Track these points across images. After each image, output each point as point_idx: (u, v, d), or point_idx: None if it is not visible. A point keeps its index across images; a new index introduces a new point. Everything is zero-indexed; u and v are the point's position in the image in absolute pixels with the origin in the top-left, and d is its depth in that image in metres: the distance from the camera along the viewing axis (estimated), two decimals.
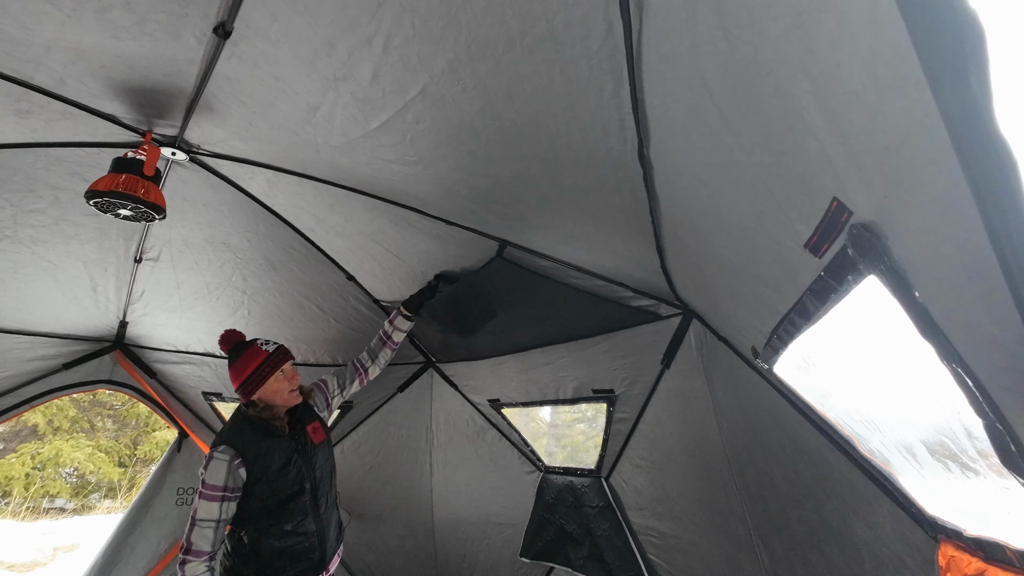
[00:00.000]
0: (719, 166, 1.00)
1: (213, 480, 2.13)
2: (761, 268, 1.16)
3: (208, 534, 2.08)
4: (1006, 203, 0.49)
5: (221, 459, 2.15)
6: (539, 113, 1.25)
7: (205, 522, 2.09)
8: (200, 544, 2.06)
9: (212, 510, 2.10)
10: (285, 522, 2.23)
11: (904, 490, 1.31)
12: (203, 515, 2.09)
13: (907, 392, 1.04)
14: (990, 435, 0.79)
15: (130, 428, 10.82)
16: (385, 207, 2.41)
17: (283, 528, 2.22)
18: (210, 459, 2.17)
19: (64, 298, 3.01)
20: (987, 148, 0.47)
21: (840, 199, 0.75)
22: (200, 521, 2.09)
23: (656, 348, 2.62)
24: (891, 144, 0.59)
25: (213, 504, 2.11)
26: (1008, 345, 0.64)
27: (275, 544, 2.21)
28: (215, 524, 2.10)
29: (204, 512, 2.09)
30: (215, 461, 2.15)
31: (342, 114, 1.65)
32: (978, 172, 0.50)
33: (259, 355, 2.34)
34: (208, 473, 2.14)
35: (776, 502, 2.14)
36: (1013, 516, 0.93)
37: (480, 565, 3.92)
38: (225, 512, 2.13)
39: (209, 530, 2.08)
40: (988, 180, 0.50)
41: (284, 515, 2.23)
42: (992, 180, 0.50)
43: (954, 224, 0.59)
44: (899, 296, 0.75)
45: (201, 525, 2.08)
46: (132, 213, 2.06)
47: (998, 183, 0.50)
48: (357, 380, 2.85)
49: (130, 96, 1.82)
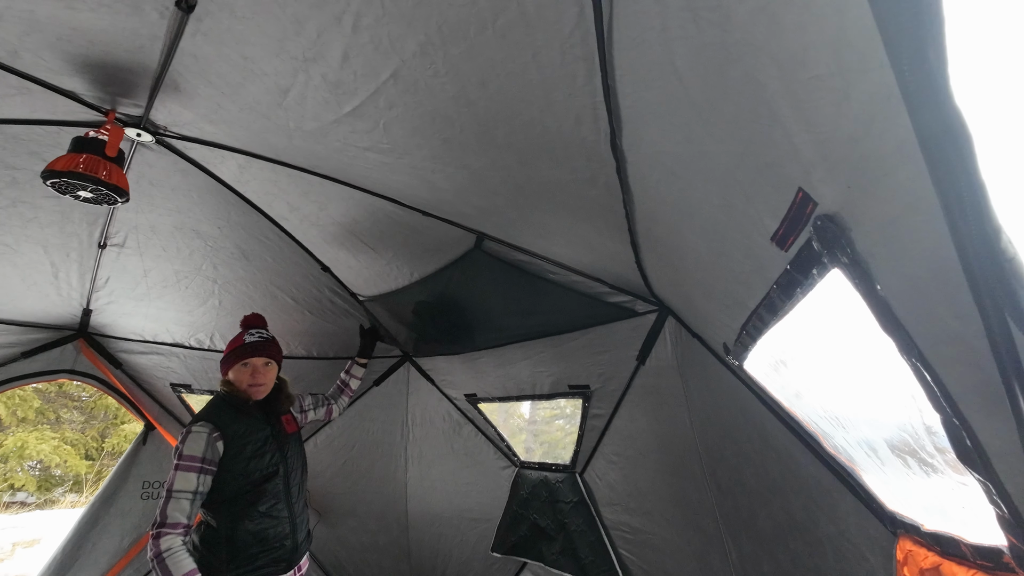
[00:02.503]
0: (690, 158, 0.99)
1: (191, 451, 2.09)
2: (732, 263, 1.16)
3: (184, 506, 2.02)
4: (963, 190, 0.48)
5: (200, 431, 2.14)
6: (513, 100, 1.22)
7: (182, 493, 2.03)
8: (176, 516, 2.00)
9: (189, 481, 2.05)
10: (260, 503, 2.21)
11: (866, 486, 1.32)
12: (180, 486, 2.04)
13: (869, 389, 1.05)
14: (947, 430, 0.80)
15: (98, 420, 10.52)
16: (360, 196, 2.36)
17: (258, 510, 2.20)
18: (188, 433, 2.15)
19: (23, 284, 2.89)
20: (945, 128, 0.46)
21: (805, 189, 0.74)
22: (176, 492, 2.03)
23: (632, 344, 2.63)
24: (856, 132, 0.58)
25: (191, 475, 2.06)
26: (966, 339, 0.63)
27: (249, 527, 2.17)
28: (191, 496, 2.05)
29: (181, 483, 2.04)
30: (193, 434, 2.14)
31: (313, 97, 1.60)
32: (937, 156, 0.49)
33: (238, 340, 2.44)
34: (186, 445, 2.11)
35: (745, 498, 2.16)
36: (969, 511, 0.94)
37: (454, 560, 3.90)
38: (202, 484, 2.09)
39: (186, 502, 2.03)
40: (947, 167, 0.49)
41: (259, 497, 2.21)
42: (951, 167, 0.49)
43: (915, 215, 0.58)
44: (861, 290, 0.75)
45: (177, 497, 2.02)
46: (93, 196, 1.98)
47: (956, 170, 0.49)
48: (324, 408, 2.93)
49: (91, 72, 1.74)
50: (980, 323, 0.61)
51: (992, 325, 0.54)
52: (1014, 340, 0.54)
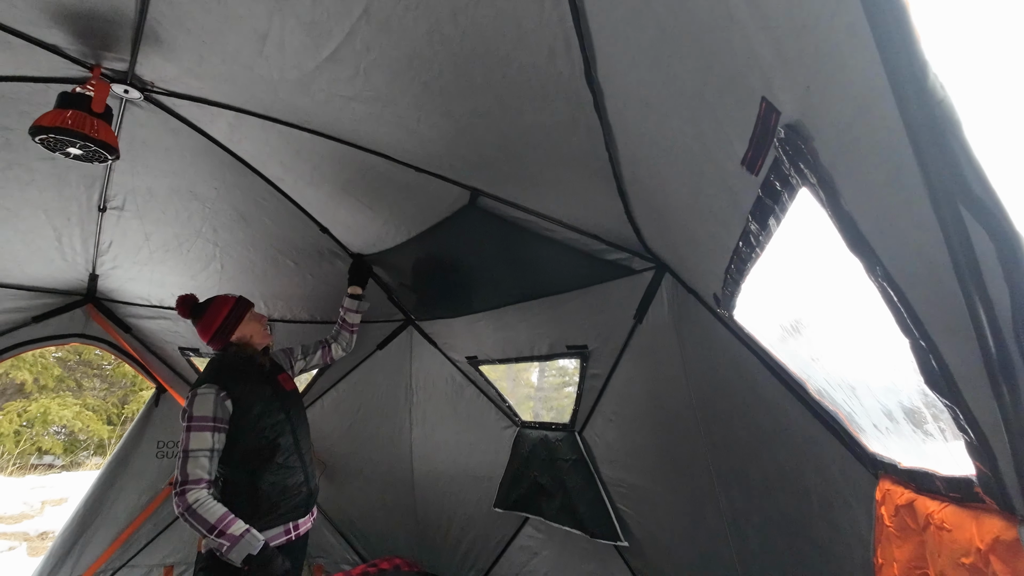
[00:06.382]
0: (661, 83, 0.95)
1: (201, 412, 2.15)
2: (709, 201, 1.12)
3: (204, 463, 2.08)
4: (915, 71, 0.45)
5: (207, 392, 2.20)
6: (486, 34, 1.18)
7: (199, 451, 2.09)
8: (197, 472, 2.05)
9: (204, 440, 2.11)
10: (277, 456, 2.30)
11: (849, 430, 1.31)
12: (196, 445, 2.09)
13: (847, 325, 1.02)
14: (915, 355, 0.77)
15: (118, 387, 10.86)
16: (352, 154, 2.34)
17: (276, 462, 2.29)
18: (194, 396, 2.20)
19: (27, 249, 2.94)
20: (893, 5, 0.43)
21: (768, 98, 0.70)
22: (193, 452, 2.08)
23: (629, 304, 2.60)
24: (808, 20, 0.54)
25: (205, 434, 2.12)
26: (925, 250, 0.61)
27: (270, 479, 2.25)
28: (209, 453, 2.10)
29: (196, 443, 2.10)
30: (201, 396, 2.19)
31: (291, 42, 1.57)
32: (886, 39, 0.46)
33: (228, 302, 2.52)
34: (195, 407, 2.16)
35: (737, 452, 2.17)
36: (942, 444, 0.92)
37: (458, 517, 4.01)
38: (217, 442, 2.14)
39: (204, 459, 2.08)
40: (896, 49, 0.46)
41: (274, 451, 2.30)
42: (901, 49, 0.46)
43: (869, 113, 0.55)
44: (828, 207, 0.72)
45: (195, 455, 2.08)
46: (82, 152, 1.98)
47: (910, 51, 0.45)
48: (320, 352, 2.95)
49: (70, 24, 1.72)
50: (939, 232, 0.58)
51: (945, 217, 0.51)
52: (969, 234, 0.51)
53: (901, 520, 1.07)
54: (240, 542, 2.01)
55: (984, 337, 0.64)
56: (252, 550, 2.02)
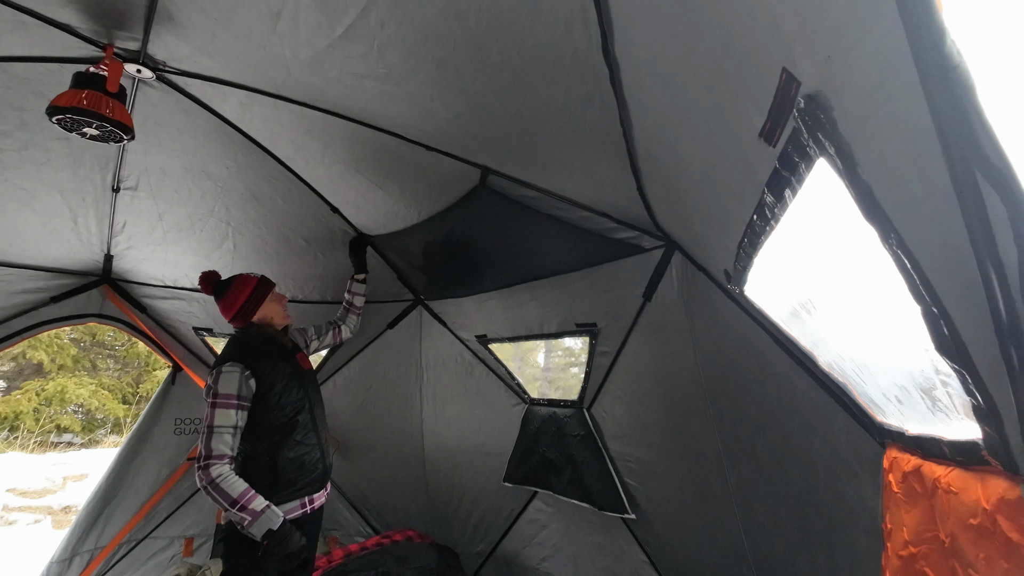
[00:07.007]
0: (679, 56, 0.95)
1: (226, 389, 2.20)
2: (724, 174, 1.13)
3: (227, 439, 2.14)
4: (935, 38, 0.46)
5: (232, 370, 2.25)
6: (502, 6, 1.18)
7: (224, 428, 2.15)
8: (220, 448, 2.12)
9: (229, 416, 2.17)
10: (295, 433, 2.37)
11: (857, 400, 1.34)
12: (220, 422, 2.15)
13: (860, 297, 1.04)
14: (927, 321, 0.80)
15: (131, 368, 11.07)
16: (363, 133, 2.34)
17: (294, 439, 2.36)
18: (219, 373, 2.25)
19: (44, 230, 2.98)
20: None
21: (788, 69, 0.71)
22: (218, 428, 2.14)
23: (638, 282, 2.62)
24: None
25: (230, 411, 2.18)
26: (940, 217, 0.62)
27: (288, 455, 2.33)
28: (233, 430, 2.17)
29: (221, 419, 2.16)
30: (226, 373, 2.24)
31: (305, 19, 1.57)
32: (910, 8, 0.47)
33: (250, 281, 2.57)
34: (220, 384, 2.22)
35: (745, 426, 2.21)
36: (949, 410, 0.95)
37: (468, 492, 4.11)
38: (240, 419, 2.21)
39: (228, 435, 2.15)
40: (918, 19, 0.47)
41: (293, 428, 2.37)
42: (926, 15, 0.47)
43: (890, 80, 0.56)
44: (846, 177, 0.74)
45: (220, 431, 2.14)
46: (99, 133, 2.00)
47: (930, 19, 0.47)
48: (332, 332, 3.03)
49: (83, 2, 1.72)
50: (955, 197, 0.60)
51: (960, 181, 0.53)
52: (983, 197, 0.53)
53: (909, 486, 1.11)
54: (261, 517, 2.09)
55: (995, 300, 0.66)
56: (272, 525, 2.10)
